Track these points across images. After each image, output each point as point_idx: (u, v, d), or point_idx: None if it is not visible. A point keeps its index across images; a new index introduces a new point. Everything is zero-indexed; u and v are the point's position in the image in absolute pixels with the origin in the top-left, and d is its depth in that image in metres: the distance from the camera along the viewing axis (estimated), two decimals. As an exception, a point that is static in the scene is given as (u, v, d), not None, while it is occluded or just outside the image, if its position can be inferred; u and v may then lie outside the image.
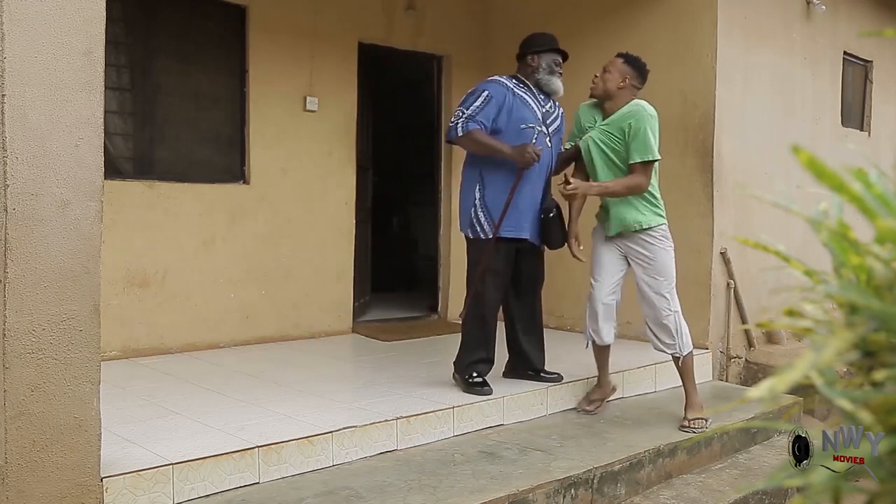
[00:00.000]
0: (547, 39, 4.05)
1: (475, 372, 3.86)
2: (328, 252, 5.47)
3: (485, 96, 3.81)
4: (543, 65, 3.96)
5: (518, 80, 3.97)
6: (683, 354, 3.76)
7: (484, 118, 3.78)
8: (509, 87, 3.88)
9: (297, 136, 5.28)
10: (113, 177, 4.21)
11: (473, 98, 3.83)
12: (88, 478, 2.46)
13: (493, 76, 3.98)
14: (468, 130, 3.77)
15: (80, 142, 2.40)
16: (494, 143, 3.77)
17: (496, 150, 3.77)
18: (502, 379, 4.09)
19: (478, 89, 3.86)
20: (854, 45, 6.41)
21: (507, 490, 2.93)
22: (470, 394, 3.77)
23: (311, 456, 3.09)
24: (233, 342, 5.00)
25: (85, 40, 2.40)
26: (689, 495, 3.43)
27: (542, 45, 4.00)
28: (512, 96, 3.85)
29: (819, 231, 0.93)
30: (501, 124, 3.80)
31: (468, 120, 3.78)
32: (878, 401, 0.83)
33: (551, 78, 3.96)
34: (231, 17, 5.07)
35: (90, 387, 2.45)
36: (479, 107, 3.79)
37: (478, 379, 3.84)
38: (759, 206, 5.33)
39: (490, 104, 3.79)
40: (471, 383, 3.83)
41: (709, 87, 5.01)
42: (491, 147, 3.77)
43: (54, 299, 2.36)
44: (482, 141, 3.77)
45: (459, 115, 3.81)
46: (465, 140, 3.81)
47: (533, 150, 3.71)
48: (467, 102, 3.83)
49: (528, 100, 3.90)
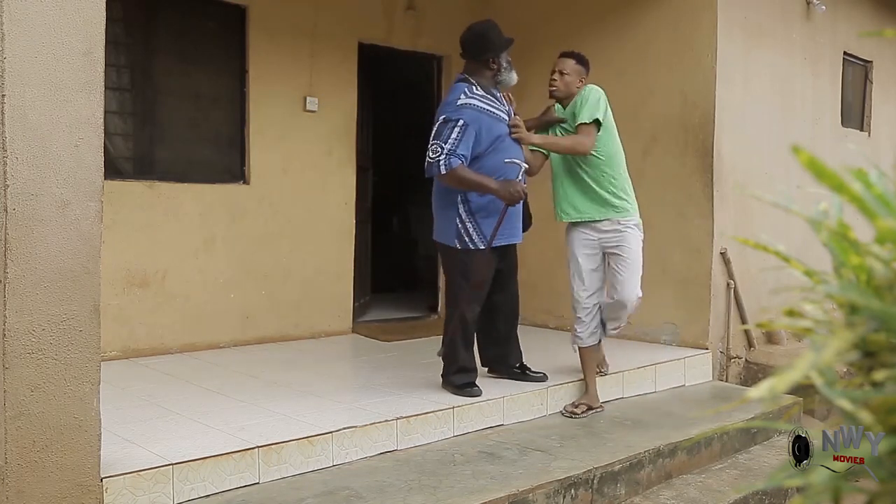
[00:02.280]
0: (502, 37, 3.88)
1: (464, 378, 3.82)
2: (328, 252, 5.47)
3: (461, 126, 3.61)
4: (504, 64, 3.84)
5: (481, 88, 3.78)
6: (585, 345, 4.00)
7: (464, 150, 3.61)
8: (482, 108, 3.71)
9: (297, 136, 5.28)
10: (113, 177, 4.20)
11: (448, 130, 3.61)
12: (88, 478, 2.46)
13: (459, 97, 3.70)
14: (451, 168, 3.58)
15: (80, 142, 2.40)
16: (480, 180, 3.63)
17: (482, 187, 3.64)
18: (503, 380, 4.09)
19: (450, 118, 3.63)
20: (854, 45, 6.41)
21: (507, 490, 2.93)
22: (461, 396, 3.74)
23: (311, 456, 3.09)
24: (233, 342, 5.00)
25: (85, 40, 2.40)
26: (689, 495, 3.43)
27: (500, 46, 3.84)
28: (486, 117, 3.70)
29: (819, 231, 0.93)
30: (483, 147, 3.68)
31: (449, 156, 3.58)
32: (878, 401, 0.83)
33: (511, 74, 3.88)
34: (231, 17, 5.07)
35: (90, 387, 2.45)
36: (456, 139, 3.60)
37: (467, 381, 3.82)
38: (759, 206, 5.33)
39: (467, 133, 3.61)
40: (460, 386, 3.79)
41: (709, 87, 5.01)
42: (476, 184, 3.65)
43: (54, 299, 2.36)
44: (466, 178, 3.63)
45: (438, 152, 3.59)
46: (448, 178, 3.64)
47: (521, 189, 3.64)
48: (443, 135, 3.61)
49: (498, 113, 3.78)
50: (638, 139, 5.34)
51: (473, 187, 3.67)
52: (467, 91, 3.73)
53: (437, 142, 3.62)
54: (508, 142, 3.77)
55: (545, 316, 5.85)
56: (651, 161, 5.29)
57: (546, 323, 5.87)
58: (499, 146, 3.72)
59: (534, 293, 4.95)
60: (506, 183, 3.64)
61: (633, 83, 5.38)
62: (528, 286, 4.29)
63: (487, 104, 3.75)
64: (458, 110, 3.66)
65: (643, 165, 5.33)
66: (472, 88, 3.75)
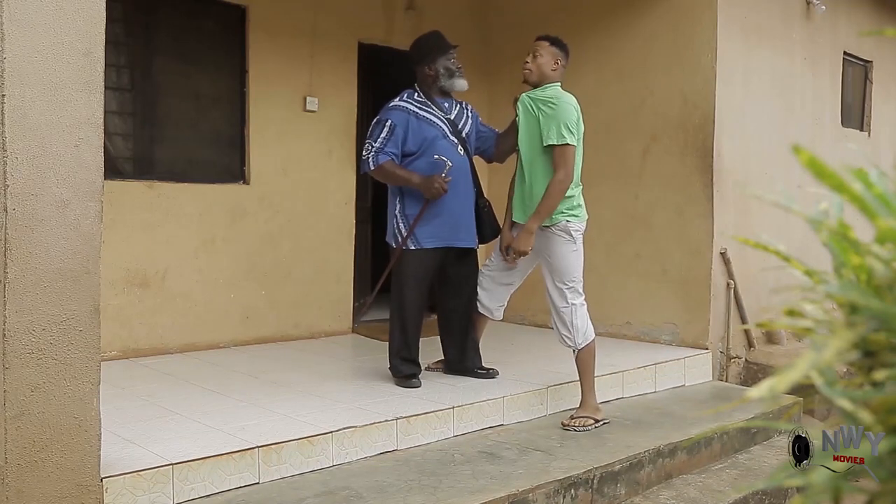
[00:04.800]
0: (432, 44, 4.05)
1: (403, 369, 3.98)
2: (328, 252, 5.47)
3: (389, 125, 3.89)
4: (441, 70, 4.00)
5: (420, 94, 4.02)
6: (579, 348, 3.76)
7: (393, 147, 3.89)
8: (410, 111, 3.95)
9: (297, 136, 5.28)
10: (113, 177, 4.20)
11: (379, 129, 3.91)
12: (88, 478, 2.46)
13: (395, 101, 3.99)
14: (379, 164, 3.89)
15: (80, 142, 2.40)
16: (404, 175, 3.89)
17: (406, 181, 3.90)
18: (503, 380, 4.10)
19: (381, 119, 3.94)
20: (854, 45, 6.41)
21: (507, 490, 2.93)
22: (402, 387, 3.91)
23: (311, 456, 3.09)
24: (233, 342, 5.00)
25: (85, 40, 2.40)
26: (689, 495, 3.43)
27: (431, 52, 4.01)
28: (415, 119, 3.93)
29: (819, 231, 0.93)
30: (412, 147, 3.91)
31: (378, 153, 3.89)
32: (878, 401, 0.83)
33: (453, 81, 4.01)
34: (231, 17, 5.07)
35: (90, 387, 2.45)
36: (385, 138, 3.89)
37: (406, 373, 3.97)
38: (759, 206, 5.33)
39: (395, 133, 3.89)
40: (401, 377, 3.98)
41: (709, 87, 5.01)
42: (401, 178, 3.91)
43: (54, 299, 2.36)
44: (393, 173, 3.91)
45: (369, 149, 3.92)
46: (377, 173, 3.94)
47: (441, 183, 3.82)
48: (374, 135, 3.92)
49: (430, 118, 3.97)
50: (638, 139, 5.35)
51: (400, 182, 3.93)
52: (405, 96, 4.03)
53: (369, 140, 3.95)
54: (442, 144, 3.95)
55: (545, 316, 5.84)
56: (651, 161, 5.29)
57: (546, 323, 5.86)
58: (428, 149, 3.92)
59: (533, 293, 4.94)
60: (428, 178, 3.84)
61: (632, 83, 5.38)
62: (528, 286, 4.28)
63: (419, 108, 3.98)
64: (388, 112, 3.96)
65: (643, 165, 5.34)
66: (411, 94, 4.04)
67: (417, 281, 3.97)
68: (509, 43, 6.21)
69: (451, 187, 3.88)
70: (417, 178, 3.86)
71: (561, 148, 3.67)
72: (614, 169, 5.45)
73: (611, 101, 5.48)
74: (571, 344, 3.75)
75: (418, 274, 3.96)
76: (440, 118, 3.98)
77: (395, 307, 4.01)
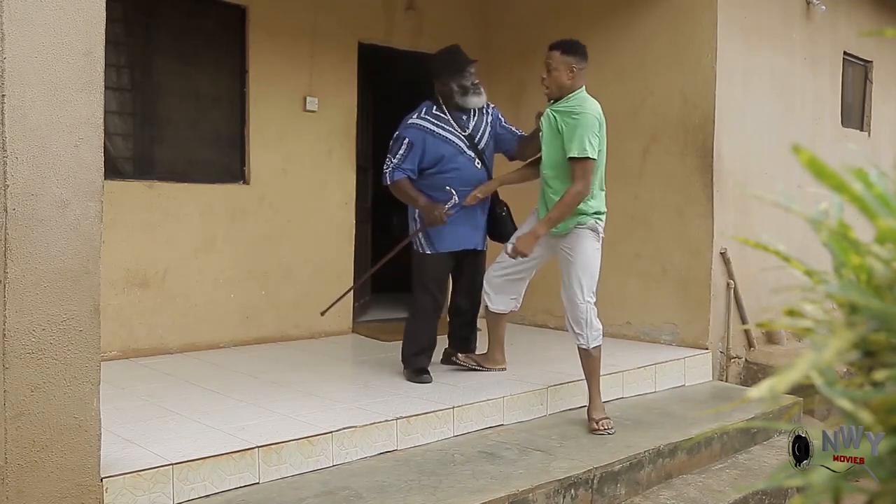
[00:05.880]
0: (447, 60, 4.08)
1: (415, 362, 4.14)
2: (328, 252, 5.47)
3: (406, 144, 4.02)
4: (455, 87, 4.05)
5: (439, 108, 4.10)
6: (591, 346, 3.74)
7: (410, 165, 4.03)
8: (427, 129, 4.04)
9: (297, 136, 5.28)
10: (113, 177, 4.20)
11: (398, 146, 4.05)
12: (88, 478, 2.46)
13: (413, 117, 4.09)
14: (395, 180, 4.05)
15: (80, 142, 2.40)
16: (413, 195, 4.06)
17: (413, 201, 4.08)
18: (503, 380, 4.09)
19: (400, 136, 4.06)
20: (854, 45, 6.41)
21: (507, 490, 2.93)
22: (413, 382, 4.04)
23: (311, 456, 3.09)
24: (233, 342, 5.00)
25: (85, 40, 2.40)
26: (689, 495, 3.43)
27: (445, 69, 4.05)
28: (431, 137, 4.03)
29: (819, 231, 0.93)
30: (428, 163, 4.04)
31: (395, 169, 4.05)
32: (878, 401, 0.83)
33: (467, 98, 4.06)
34: (231, 17, 5.07)
35: (90, 387, 2.45)
36: (403, 155, 4.03)
37: (418, 366, 4.12)
38: (759, 206, 5.33)
39: (413, 151, 4.02)
40: (413, 370, 4.12)
41: (709, 87, 5.01)
42: (410, 198, 4.08)
43: (54, 299, 2.36)
44: (405, 191, 4.07)
45: (388, 164, 4.07)
46: (392, 188, 4.11)
47: (441, 215, 3.98)
48: (394, 150, 4.06)
49: (446, 135, 4.06)
50: (638, 139, 5.35)
51: (408, 200, 4.12)
52: (423, 111, 4.11)
53: (389, 155, 4.10)
54: (460, 161, 4.05)
55: (545, 316, 5.86)
56: (651, 161, 5.29)
57: (546, 323, 5.87)
58: (443, 167, 4.03)
59: (534, 293, 4.94)
60: (431, 205, 4.01)
61: (633, 83, 5.38)
62: (528, 287, 4.28)
63: (435, 125, 4.06)
64: (406, 129, 4.07)
65: (643, 165, 5.34)
66: (429, 108, 4.12)
67: (435, 282, 4.18)
68: (509, 43, 6.21)
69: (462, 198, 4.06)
70: (423, 201, 4.03)
71: (581, 161, 3.65)
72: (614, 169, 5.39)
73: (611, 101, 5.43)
74: (585, 343, 3.73)
75: (436, 276, 4.18)
76: (456, 135, 4.07)
77: (414, 308, 4.23)
